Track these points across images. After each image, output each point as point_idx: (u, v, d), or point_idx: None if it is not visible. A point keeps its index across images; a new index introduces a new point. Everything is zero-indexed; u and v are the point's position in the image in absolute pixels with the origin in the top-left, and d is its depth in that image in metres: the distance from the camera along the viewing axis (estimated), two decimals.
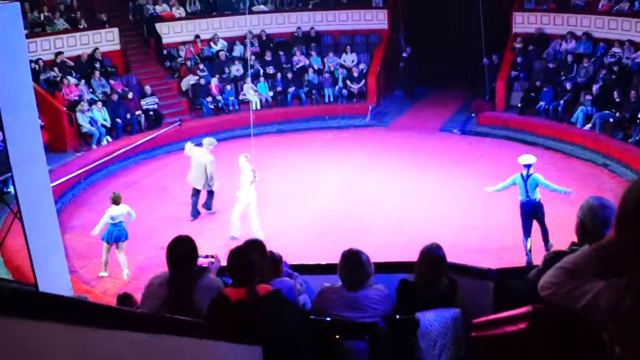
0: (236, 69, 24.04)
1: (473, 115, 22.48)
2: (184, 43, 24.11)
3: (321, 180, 15.78)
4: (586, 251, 2.66)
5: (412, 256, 5.79)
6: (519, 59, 22.33)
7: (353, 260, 5.36)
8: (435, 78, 25.61)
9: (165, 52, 23.89)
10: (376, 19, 25.69)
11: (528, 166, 12.70)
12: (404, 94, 25.99)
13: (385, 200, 15.56)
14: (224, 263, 5.22)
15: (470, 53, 23.16)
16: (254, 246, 5.21)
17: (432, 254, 5.63)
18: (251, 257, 4.70)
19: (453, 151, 19.42)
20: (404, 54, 25.39)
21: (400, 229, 14.02)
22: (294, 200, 15.77)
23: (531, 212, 12.53)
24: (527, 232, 12.51)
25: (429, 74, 25.53)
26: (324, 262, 7.19)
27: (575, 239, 3.95)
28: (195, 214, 15.29)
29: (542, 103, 20.67)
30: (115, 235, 12.49)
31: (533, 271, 4.36)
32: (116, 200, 12.60)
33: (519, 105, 21.46)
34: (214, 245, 12.79)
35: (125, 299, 6.98)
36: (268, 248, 5.68)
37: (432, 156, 19.01)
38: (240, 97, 23.42)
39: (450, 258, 5.78)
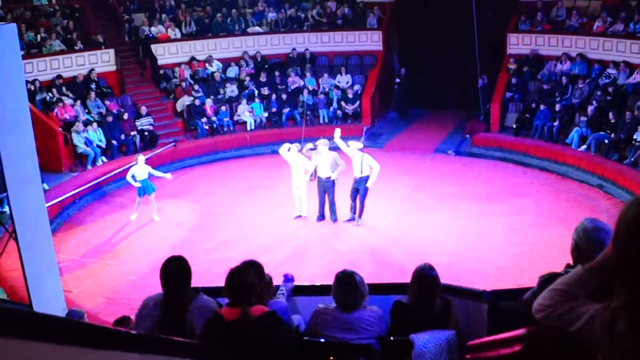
0: (231, 90, 24.10)
1: (467, 136, 22.55)
2: (179, 64, 24.19)
3: (315, 202, 15.78)
4: (578, 271, 2.66)
5: (406, 277, 5.79)
6: (513, 80, 22.43)
7: (347, 282, 5.36)
8: (430, 99, 25.68)
9: (160, 73, 23.96)
10: (371, 41, 25.83)
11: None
12: (399, 115, 26.08)
13: (379, 222, 15.55)
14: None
15: (465, 74, 23.27)
16: (252, 267, 5.21)
17: (425, 275, 5.63)
18: (248, 278, 4.70)
19: (448, 172, 19.45)
20: (398, 80, 25.51)
21: (394, 250, 14.01)
22: (288, 221, 15.76)
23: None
24: None
25: (424, 95, 25.63)
26: (318, 283, 7.18)
27: (570, 260, 3.96)
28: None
29: (537, 124, 20.74)
30: (144, 189, 15.78)
31: (527, 293, 4.36)
32: (137, 160, 15.87)
33: (514, 126, 21.54)
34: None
35: (122, 322, 6.95)
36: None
37: (426, 177, 19.04)
38: (235, 118, 23.47)
39: (444, 279, 5.78)
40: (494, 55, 23.14)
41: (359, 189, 15.07)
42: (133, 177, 15.74)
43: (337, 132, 15.90)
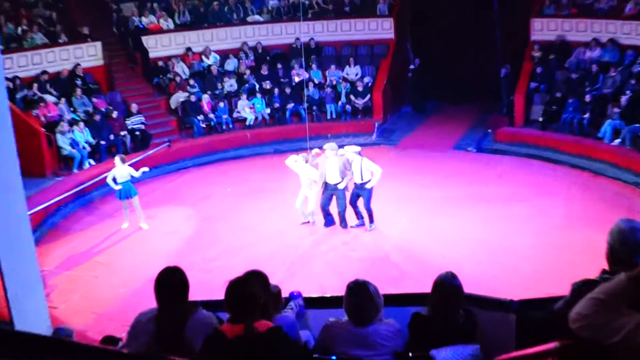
0: (230, 85, 24.13)
1: (490, 131, 22.51)
2: (172, 57, 24.21)
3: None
4: (620, 280, 2.62)
5: (425, 287, 5.75)
6: (538, 69, 22.36)
7: (360, 292, 5.33)
8: (448, 91, 25.68)
9: (152, 67, 23.99)
10: (381, 28, 25.80)
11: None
12: (414, 109, 26.08)
13: (394, 226, 15.52)
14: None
15: (486, 63, 23.22)
16: (256, 277, 5.16)
17: (447, 284, 5.58)
18: (252, 290, 4.65)
19: (468, 171, 19.40)
20: (412, 66, 25.50)
21: (411, 257, 13.97)
22: (294, 226, 15.74)
23: None
24: None
25: (441, 87, 25.62)
26: (328, 295, 7.15)
27: (605, 265, 3.92)
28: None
29: (565, 116, 20.64)
30: (125, 193, 15.78)
31: (559, 302, 4.32)
32: (119, 160, 15.91)
33: (540, 119, 21.47)
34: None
35: (110, 343, 6.92)
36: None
37: (445, 177, 18.98)
38: (235, 115, 23.49)
39: (467, 288, 5.74)
40: (517, 43, 23.10)
41: (361, 195, 15.10)
42: (114, 179, 15.80)
43: (305, 158, 15.70)
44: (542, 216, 15.77)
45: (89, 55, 22.73)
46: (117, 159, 16.02)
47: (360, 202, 15.24)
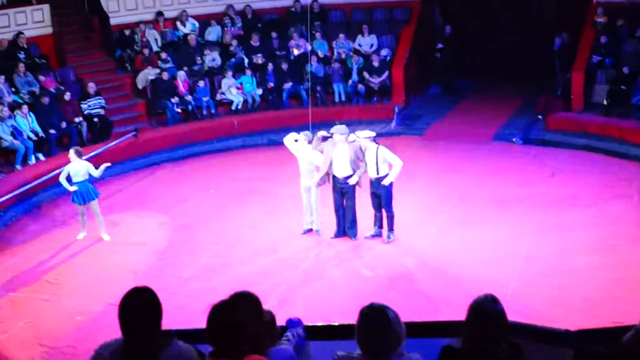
0: (211, 59, 24.17)
1: (540, 117, 22.51)
2: (140, 23, 24.24)
3: (330, 212, 15.73)
4: None
5: (459, 314, 5.75)
6: (603, 39, 22.30)
7: (376, 320, 5.33)
8: (486, 67, 25.68)
9: (114, 36, 24.02)
10: None
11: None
12: (443, 89, 26.11)
13: (418, 238, 15.50)
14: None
15: (534, 32, 23.20)
16: (245, 301, 5.16)
17: (486, 310, 5.58)
18: (240, 317, 4.65)
19: (512, 168, 19.40)
20: (441, 45, 25.49)
21: (441, 276, 13.95)
22: (294, 238, 15.75)
23: None
24: None
25: (478, 61, 25.63)
26: (335, 323, 7.15)
27: None
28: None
29: (637, 99, 20.56)
30: (82, 195, 15.67)
31: (628, 334, 4.34)
32: (75, 154, 15.73)
33: (604, 102, 21.46)
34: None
35: None
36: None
37: (483, 175, 18.98)
38: (218, 97, 23.55)
39: (512, 316, 5.75)
40: (576, 5, 23.06)
41: (378, 194, 15.07)
42: (68, 179, 15.80)
43: (300, 136, 15.69)
44: (608, 224, 15.72)
45: (33, 21, 22.76)
46: (71, 152, 15.87)
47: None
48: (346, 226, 15.45)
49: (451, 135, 22.11)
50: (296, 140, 15.51)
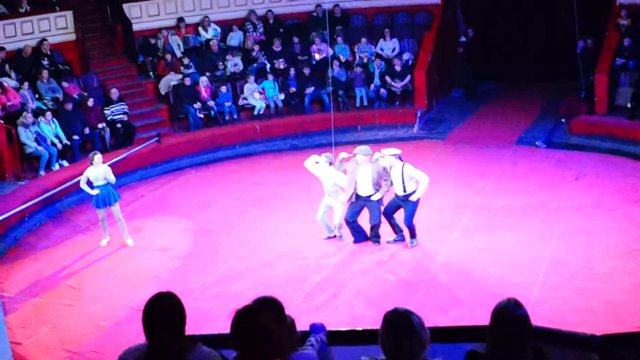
0: (233, 64, 24.21)
1: (563, 121, 22.39)
2: (162, 30, 24.31)
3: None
4: None
5: (482, 318, 5.74)
6: (626, 41, 22.17)
7: (400, 325, 5.32)
8: (509, 70, 25.58)
9: (137, 42, 24.09)
10: None
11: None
12: (466, 93, 26.04)
13: (442, 242, 15.47)
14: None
15: (557, 34, 23.09)
16: (268, 306, 5.15)
17: (510, 315, 5.56)
18: (263, 323, 4.65)
19: (536, 172, 19.32)
20: (464, 38, 25.45)
21: (464, 280, 13.91)
22: (317, 243, 15.75)
23: None
24: None
25: (500, 64, 25.53)
26: (358, 328, 7.15)
27: None
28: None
29: None
30: (103, 199, 15.75)
31: None
32: (91, 160, 15.76)
33: (628, 105, 21.33)
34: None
35: None
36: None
37: (506, 179, 18.92)
38: (240, 102, 23.57)
39: (536, 320, 5.73)
40: (599, 7, 22.94)
41: (403, 207, 15.06)
42: (89, 183, 15.90)
43: (320, 159, 15.61)
44: (633, 229, 15.62)
45: (57, 28, 22.87)
46: (96, 156, 15.89)
47: (399, 215, 15.21)
48: (370, 232, 15.46)
49: (474, 139, 22.06)
50: (317, 162, 15.51)
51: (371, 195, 14.96)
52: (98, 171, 15.76)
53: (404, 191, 14.75)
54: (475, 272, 14.21)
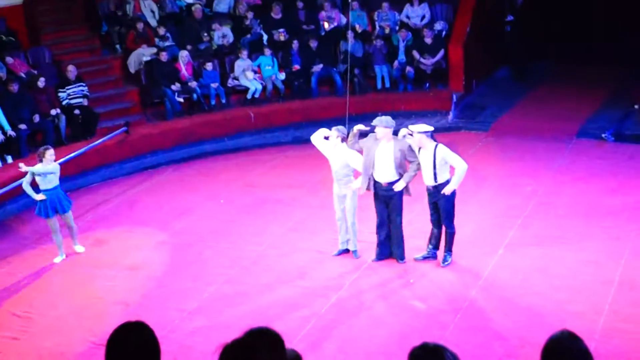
0: (221, 35, 24.24)
1: (636, 107, 22.40)
2: None
3: (371, 228, 15.69)
4: None
5: (533, 356, 5.75)
6: None
7: None
8: (567, 46, 25.61)
9: (100, 7, 24.15)
10: None
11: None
12: (514, 73, 26.05)
13: (484, 258, 15.48)
14: None
15: (628, 2, 23.11)
16: (264, 339, 5.17)
17: (565, 348, 5.58)
18: (258, 358, 4.67)
19: (602, 172, 19.34)
20: (511, 18, 25.46)
21: (511, 308, 13.92)
22: (326, 261, 15.75)
23: None
24: None
25: (557, 38, 25.57)
26: None
27: None
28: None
29: None
30: (53, 205, 15.81)
31: None
32: (41, 156, 15.72)
33: None
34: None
35: None
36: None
37: (564, 181, 18.94)
38: (230, 83, 23.60)
39: (601, 357, 5.73)
40: None
41: (439, 204, 15.01)
42: (33, 185, 15.91)
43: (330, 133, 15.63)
44: None
45: None
46: (46, 153, 15.89)
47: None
48: (392, 246, 15.42)
49: (524, 131, 22.09)
50: (327, 138, 15.44)
51: (393, 183, 14.84)
52: (47, 170, 15.77)
53: (435, 180, 14.62)
54: (525, 297, 14.20)
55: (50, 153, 15.79)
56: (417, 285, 14.85)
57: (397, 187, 14.78)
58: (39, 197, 15.77)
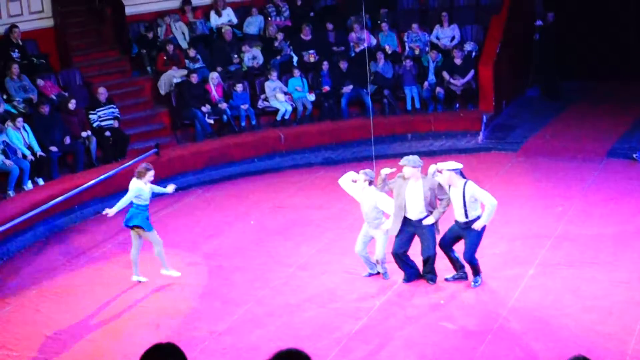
0: (252, 57, 24.28)
1: None
2: (162, 14, 24.44)
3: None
4: None
5: None
6: None
7: None
8: (598, 65, 25.52)
9: (130, 30, 24.24)
10: None
11: None
12: (544, 92, 25.99)
13: (514, 280, 15.41)
14: None
15: None
16: None
17: None
18: None
19: (633, 192, 19.23)
20: (540, 22, 25.41)
21: (542, 329, 13.85)
22: (356, 282, 15.72)
23: None
24: None
25: (587, 57, 25.48)
26: None
27: None
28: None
29: None
30: (138, 219, 15.79)
31: None
32: (142, 175, 15.81)
33: None
34: None
35: None
36: None
37: (594, 202, 18.85)
38: (260, 105, 23.61)
39: None
40: None
41: (463, 238, 14.95)
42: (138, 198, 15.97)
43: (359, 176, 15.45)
44: None
45: (30, 12, 23.05)
46: (147, 173, 16.02)
47: (460, 247, 15.10)
48: (423, 267, 15.38)
49: (554, 151, 22.02)
50: (354, 181, 15.42)
51: (423, 219, 14.83)
52: (146, 190, 15.97)
53: (466, 217, 14.60)
54: (555, 318, 14.14)
55: (151, 173, 15.97)
56: (447, 306, 14.81)
57: (427, 222, 14.79)
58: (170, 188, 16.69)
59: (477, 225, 14.55)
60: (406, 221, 14.90)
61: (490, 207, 14.50)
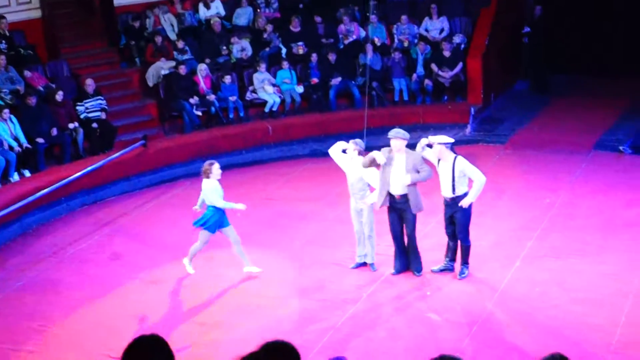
0: (240, 49, 24.25)
1: None
2: (151, 5, 24.39)
3: (388, 241, 15.65)
4: None
5: None
6: None
7: None
8: (587, 57, 25.56)
9: (118, 21, 24.20)
10: None
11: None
12: (532, 85, 26.00)
13: (501, 271, 15.44)
14: None
15: None
16: (280, 353, 5.16)
17: None
18: None
19: (620, 184, 19.28)
20: (527, 29, 25.43)
21: (528, 320, 13.88)
22: (343, 274, 15.73)
23: None
24: None
25: (575, 50, 25.49)
26: None
27: None
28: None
29: None
30: (218, 221, 15.78)
31: None
32: (208, 172, 15.68)
33: None
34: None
35: None
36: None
37: (581, 194, 18.91)
38: (248, 97, 23.59)
39: None
40: None
41: (455, 217, 14.98)
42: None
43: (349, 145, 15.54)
44: None
45: (18, 2, 22.99)
46: (213, 168, 15.86)
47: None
48: (409, 258, 15.37)
49: (541, 143, 22.06)
50: (344, 151, 15.41)
51: (405, 196, 14.72)
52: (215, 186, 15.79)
53: (453, 192, 14.58)
54: (542, 310, 14.17)
55: (217, 168, 15.77)
56: (433, 297, 14.84)
57: (405, 182, 14.62)
58: (240, 206, 16.00)
59: (464, 203, 14.52)
60: (392, 200, 14.86)
61: (479, 184, 14.47)
